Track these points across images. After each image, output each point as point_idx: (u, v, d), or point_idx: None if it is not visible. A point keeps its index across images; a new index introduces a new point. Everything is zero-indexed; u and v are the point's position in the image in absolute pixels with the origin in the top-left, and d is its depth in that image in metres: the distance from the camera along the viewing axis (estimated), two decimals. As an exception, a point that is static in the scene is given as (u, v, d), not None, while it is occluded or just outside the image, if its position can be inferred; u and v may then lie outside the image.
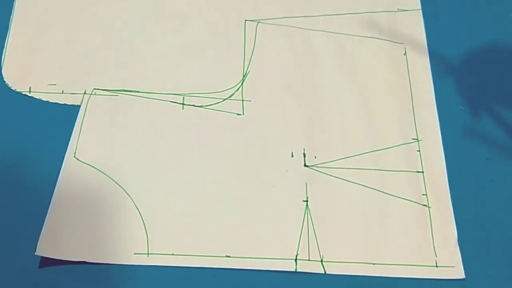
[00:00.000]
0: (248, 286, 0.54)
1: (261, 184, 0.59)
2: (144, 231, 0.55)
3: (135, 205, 0.57)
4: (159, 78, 0.64)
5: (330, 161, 0.61)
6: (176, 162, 0.59)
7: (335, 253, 0.55)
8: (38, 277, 0.53)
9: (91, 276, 0.53)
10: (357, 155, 0.61)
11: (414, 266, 0.55)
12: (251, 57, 0.67)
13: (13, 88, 0.63)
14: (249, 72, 0.66)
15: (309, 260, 0.55)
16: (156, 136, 0.61)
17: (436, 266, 0.55)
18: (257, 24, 0.69)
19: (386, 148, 0.62)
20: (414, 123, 0.64)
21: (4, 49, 0.65)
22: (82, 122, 0.61)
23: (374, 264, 0.55)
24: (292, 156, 0.61)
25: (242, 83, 0.65)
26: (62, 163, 0.58)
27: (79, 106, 0.62)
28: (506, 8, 0.74)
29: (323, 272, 0.54)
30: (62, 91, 0.63)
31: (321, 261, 0.55)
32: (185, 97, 0.63)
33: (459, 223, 0.58)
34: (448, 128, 0.63)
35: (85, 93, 0.63)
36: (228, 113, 0.63)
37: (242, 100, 0.64)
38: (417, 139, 0.63)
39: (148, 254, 0.54)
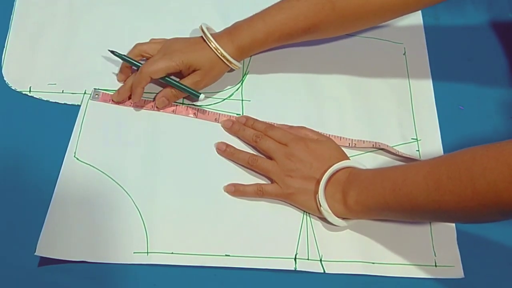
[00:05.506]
0: (247, 285, 0.54)
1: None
2: (144, 230, 0.55)
3: (135, 204, 0.57)
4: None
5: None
6: (176, 162, 0.59)
7: (334, 253, 0.55)
8: (38, 276, 0.53)
9: (91, 275, 0.53)
10: (356, 155, 0.61)
11: (413, 266, 0.55)
12: (251, 57, 0.66)
13: (13, 88, 0.63)
14: (248, 72, 0.66)
15: (308, 259, 0.55)
16: (155, 136, 0.61)
17: (435, 266, 0.55)
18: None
19: (386, 148, 0.62)
20: (413, 123, 0.64)
21: (4, 49, 0.65)
22: (82, 122, 0.61)
23: (373, 263, 0.55)
24: (292, 155, 0.61)
25: (242, 83, 0.65)
26: (62, 163, 0.58)
27: (79, 106, 0.62)
28: (506, 8, 0.74)
29: (322, 271, 0.54)
30: (62, 90, 0.63)
31: (320, 260, 0.55)
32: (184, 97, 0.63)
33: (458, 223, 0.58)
34: (448, 128, 0.64)
35: (85, 93, 0.63)
36: (227, 113, 0.63)
37: (242, 100, 0.64)
38: (416, 139, 0.63)
39: (147, 253, 0.54)
